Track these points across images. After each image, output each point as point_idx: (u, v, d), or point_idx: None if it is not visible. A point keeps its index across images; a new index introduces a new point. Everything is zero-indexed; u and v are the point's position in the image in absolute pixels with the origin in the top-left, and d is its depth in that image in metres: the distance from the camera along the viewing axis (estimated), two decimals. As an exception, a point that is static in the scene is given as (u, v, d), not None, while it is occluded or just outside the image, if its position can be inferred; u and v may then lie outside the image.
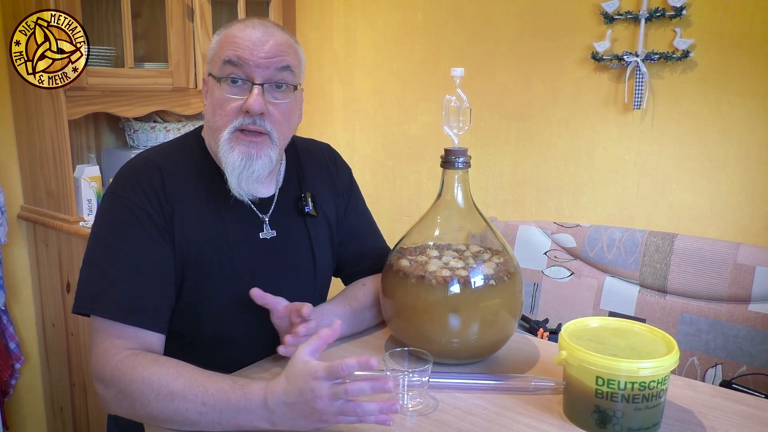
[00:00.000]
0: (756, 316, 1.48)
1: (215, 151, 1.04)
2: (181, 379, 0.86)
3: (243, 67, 0.99)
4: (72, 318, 1.94)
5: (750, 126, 1.59)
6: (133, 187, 1.00)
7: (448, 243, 1.10)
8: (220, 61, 1.00)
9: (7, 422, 2.01)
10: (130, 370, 0.88)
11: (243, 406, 0.83)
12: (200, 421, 0.85)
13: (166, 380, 0.86)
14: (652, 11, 1.65)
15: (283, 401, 0.82)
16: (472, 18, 2.02)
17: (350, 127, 2.40)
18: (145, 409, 0.86)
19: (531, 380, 0.97)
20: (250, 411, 0.83)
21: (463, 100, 1.04)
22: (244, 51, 0.98)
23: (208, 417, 0.84)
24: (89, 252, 0.99)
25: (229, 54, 0.99)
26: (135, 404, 0.87)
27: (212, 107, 1.02)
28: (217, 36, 1.04)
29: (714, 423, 0.89)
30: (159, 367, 0.88)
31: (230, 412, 0.84)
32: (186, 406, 0.84)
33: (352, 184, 1.28)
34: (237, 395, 0.84)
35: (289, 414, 0.82)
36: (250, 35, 0.99)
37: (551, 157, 1.92)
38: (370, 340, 1.15)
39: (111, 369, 0.89)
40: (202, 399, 0.84)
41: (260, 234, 1.09)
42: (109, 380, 0.89)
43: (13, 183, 2.04)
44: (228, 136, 1.00)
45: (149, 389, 0.86)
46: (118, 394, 0.88)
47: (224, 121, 1.00)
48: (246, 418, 0.83)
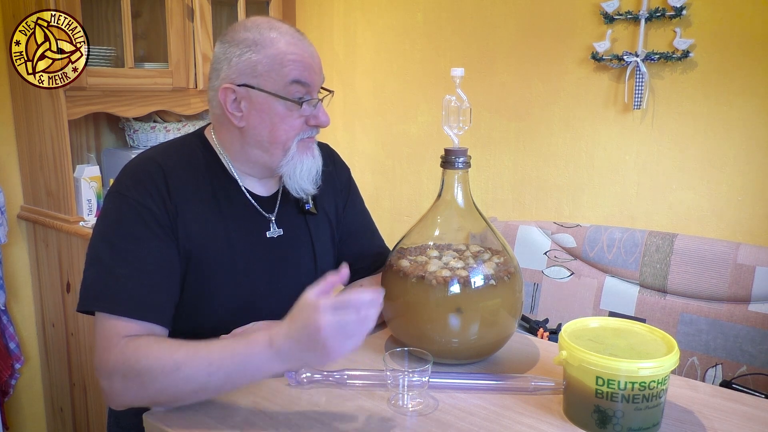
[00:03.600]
0: (756, 316, 1.48)
1: (268, 163, 1.07)
2: (183, 349, 0.87)
3: (310, 86, 1.04)
4: (72, 318, 1.94)
5: (750, 126, 1.59)
6: (137, 185, 1.00)
7: (448, 243, 1.10)
8: (284, 81, 1.02)
9: (7, 422, 2.01)
10: (133, 352, 0.88)
11: (249, 352, 0.84)
12: (210, 383, 0.85)
13: (169, 353, 0.87)
14: (652, 11, 1.65)
15: (288, 337, 0.83)
16: (472, 18, 2.02)
17: (350, 127, 2.40)
18: (155, 386, 0.86)
19: (531, 380, 0.97)
20: (257, 355, 0.84)
21: (463, 100, 1.04)
22: (310, 71, 1.04)
23: (217, 375, 0.85)
24: (93, 251, 0.99)
25: (296, 75, 1.02)
26: (144, 385, 0.87)
27: (271, 123, 1.04)
28: (255, 48, 1.01)
29: (714, 423, 0.89)
30: (159, 345, 0.89)
31: (238, 362, 0.85)
32: (193, 371, 0.85)
33: (350, 183, 1.28)
34: (241, 345, 0.85)
35: (295, 349, 0.82)
36: (304, 51, 1.04)
37: (551, 157, 1.92)
38: (370, 340, 1.15)
39: (114, 357, 0.89)
40: (207, 360, 0.85)
41: (267, 233, 1.11)
42: (113, 369, 0.89)
43: (13, 183, 2.04)
44: (296, 147, 1.05)
45: (155, 365, 0.86)
46: (125, 380, 0.88)
47: (291, 135, 1.05)
48: (254, 364, 0.84)
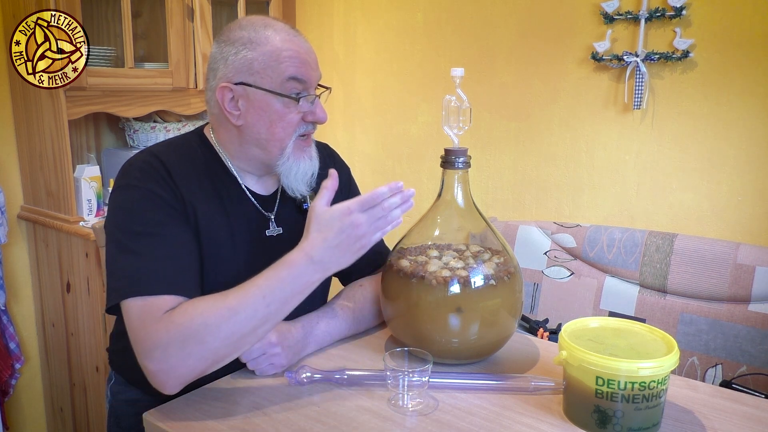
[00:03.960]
0: (756, 316, 1.48)
1: (266, 160, 1.06)
2: (231, 295, 0.89)
3: (306, 83, 1.04)
4: (72, 318, 1.94)
5: (750, 126, 1.59)
6: (145, 175, 1.00)
7: (448, 243, 1.10)
8: (281, 78, 1.01)
9: (7, 422, 2.01)
10: (183, 316, 0.88)
11: (294, 273, 0.89)
12: (269, 314, 0.89)
13: (220, 302, 0.89)
14: (652, 11, 1.65)
15: (328, 247, 0.89)
16: (472, 18, 2.02)
17: (350, 127, 2.40)
18: (218, 338, 0.87)
19: (531, 380, 0.97)
20: (302, 273, 0.89)
21: (463, 100, 1.04)
22: (306, 67, 1.04)
23: (274, 304, 0.89)
24: (114, 244, 0.97)
25: (293, 71, 1.02)
26: (205, 342, 0.87)
27: (269, 120, 1.03)
28: (251, 45, 1.01)
29: (714, 423, 0.89)
30: (206, 301, 0.90)
31: (288, 285, 0.89)
32: (251, 309, 0.88)
33: (350, 183, 1.28)
34: (284, 270, 0.89)
35: (336, 254, 0.89)
36: (300, 48, 1.04)
37: (551, 157, 1.92)
38: (370, 340, 1.15)
39: (164, 328, 0.87)
40: (260, 294, 0.89)
41: (266, 231, 1.11)
42: (166, 341, 0.87)
43: (13, 183, 2.04)
44: (293, 145, 1.05)
45: (212, 318, 0.87)
46: (183, 346, 0.87)
47: (288, 132, 1.05)
48: (302, 280, 0.90)
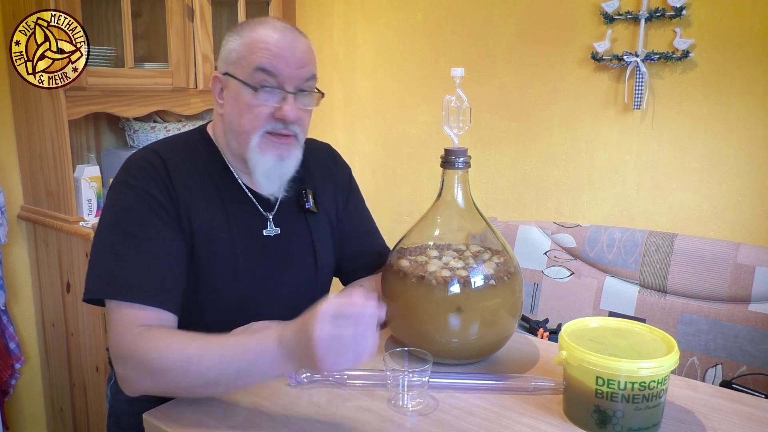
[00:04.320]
0: (756, 316, 1.48)
1: (239, 152, 1.05)
2: (196, 343, 0.87)
3: (276, 76, 1.01)
4: (72, 318, 1.94)
5: (750, 126, 1.59)
6: (143, 175, 1.01)
7: (448, 243, 1.10)
8: (250, 67, 1.00)
9: (7, 422, 2.01)
10: (146, 343, 0.89)
11: (260, 349, 0.84)
12: (220, 379, 0.86)
13: (182, 346, 0.87)
14: (652, 11, 1.65)
15: (293, 339, 0.83)
16: (472, 18, 2.02)
17: (350, 127, 2.40)
18: (166, 379, 0.87)
19: (531, 380, 0.97)
20: (267, 353, 0.84)
21: (463, 100, 1.04)
22: (278, 60, 1.00)
23: (228, 372, 0.85)
24: (101, 239, 0.98)
25: (262, 62, 1.00)
26: (155, 376, 0.87)
27: (239, 110, 1.03)
28: (238, 37, 1.03)
29: (714, 423, 0.89)
30: (173, 337, 0.89)
31: (249, 360, 0.85)
32: (205, 366, 0.85)
33: (351, 183, 1.28)
34: (253, 342, 0.86)
35: (298, 351, 0.82)
36: (280, 42, 1.01)
37: (551, 157, 1.92)
38: (370, 340, 1.15)
39: (128, 344, 0.90)
40: (219, 355, 0.85)
41: (264, 231, 1.11)
42: (127, 356, 0.90)
43: (13, 183, 2.04)
44: (258, 139, 1.03)
45: (167, 357, 0.87)
46: (138, 369, 0.89)
47: (254, 125, 1.02)
48: (264, 361, 0.84)
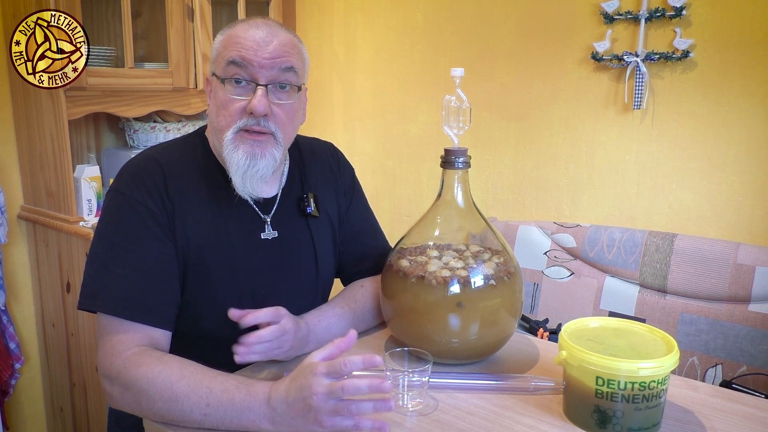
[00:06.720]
0: (756, 316, 1.48)
1: (219, 151, 1.04)
2: (185, 381, 0.86)
3: (247, 67, 0.99)
4: (72, 318, 1.94)
5: (750, 126, 1.59)
6: (136, 184, 1.00)
7: (448, 243, 1.10)
8: (223, 62, 1.00)
9: (7, 422, 2.01)
10: (136, 368, 0.88)
11: (247, 405, 0.84)
12: (204, 422, 0.85)
13: (171, 382, 0.86)
14: (652, 11, 1.65)
15: (284, 399, 0.82)
16: (472, 18, 2.01)
17: (350, 127, 2.40)
18: (150, 408, 0.87)
19: (531, 380, 0.97)
20: (254, 410, 0.83)
21: (463, 100, 1.04)
22: (248, 52, 0.99)
23: (212, 417, 0.85)
24: (93, 249, 0.99)
25: (233, 54, 0.99)
26: (140, 402, 0.88)
27: (216, 107, 1.03)
28: (221, 35, 1.04)
29: (714, 423, 0.89)
30: (163, 367, 0.88)
31: (234, 411, 0.84)
32: (190, 407, 0.85)
33: (354, 184, 1.28)
34: (242, 394, 0.84)
35: (288, 413, 0.82)
36: (254, 35, 0.99)
37: (551, 157, 1.92)
38: (370, 340, 1.15)
39: (117, 366, 0.90)
40: (206, 400, 0.85)
41: (261, 234, 1.10)
42: (115, 377, 0.90)
43: (13, 183, 2.04)
44: (232, 136, 1.00)
45: (154, 390, 0.86)
46: (124, 392, 0.89)
47: (228, 122, 1.01)
48: (249, 417, 0.84)
